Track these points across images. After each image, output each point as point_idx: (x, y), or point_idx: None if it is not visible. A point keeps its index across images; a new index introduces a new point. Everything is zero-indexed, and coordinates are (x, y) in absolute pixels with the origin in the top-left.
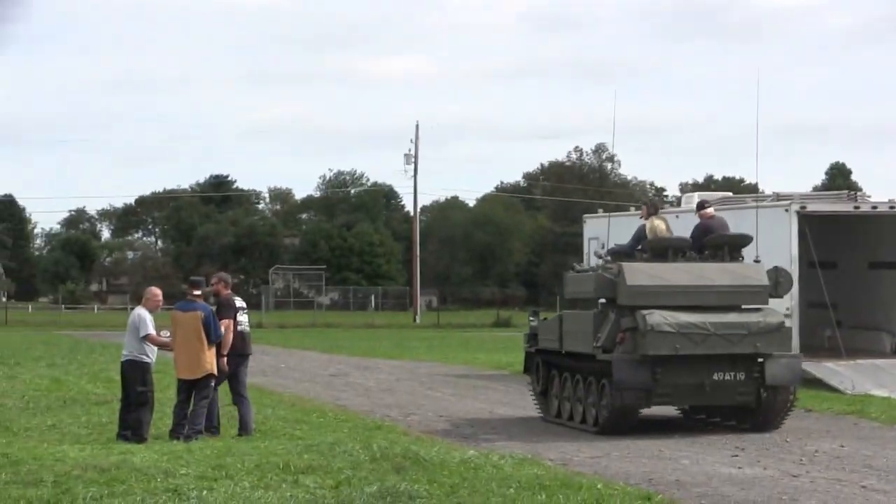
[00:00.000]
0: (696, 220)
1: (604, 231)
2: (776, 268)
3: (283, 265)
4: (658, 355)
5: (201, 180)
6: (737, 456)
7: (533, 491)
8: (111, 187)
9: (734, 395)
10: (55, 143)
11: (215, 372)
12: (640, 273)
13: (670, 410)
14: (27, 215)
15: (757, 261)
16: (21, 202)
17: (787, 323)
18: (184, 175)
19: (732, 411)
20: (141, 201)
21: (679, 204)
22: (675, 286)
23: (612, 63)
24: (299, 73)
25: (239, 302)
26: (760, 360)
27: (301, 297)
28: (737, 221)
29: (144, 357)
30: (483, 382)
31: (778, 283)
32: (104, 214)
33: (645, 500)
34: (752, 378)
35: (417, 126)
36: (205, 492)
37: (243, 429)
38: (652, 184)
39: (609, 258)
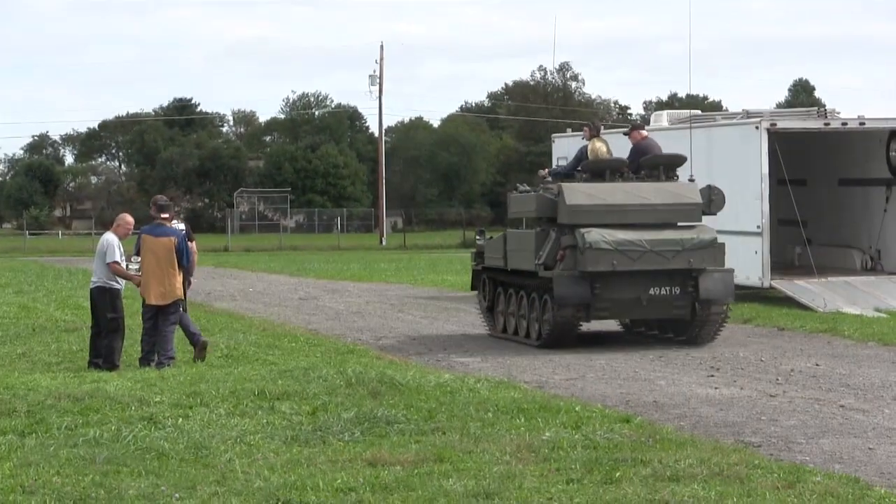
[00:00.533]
0: (666, 136)
1: (572, 150)
2: (709, 186)
3: (248, 188)
4: (596, 271)
5: (165, 104)
6: (713, 376)
7: (511, 414)
8: (74, 111)
9: (670, 309)
10: (17, 68)
11: (183, 297)
12: (578, 193)
13: (612, 326)
14: None
15: (691, 180)
16: None
17: (720, 239)
18: (147, 99)
19: (669, 324)
20: (104, 125)
21: (648, 122)
22: (612, 205)
23: None
24: None
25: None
26: (695, 275)
27: (266, 220)
28: (706, 139)
29: (114, 283)
30: (453, 304)
31: (711, 200)
32: (67, 139)
33: (624, 422)
34: (686, 293)
35: (382, 47)
36: (181, 419)
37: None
38: (616, 102)
39: (550, 178)
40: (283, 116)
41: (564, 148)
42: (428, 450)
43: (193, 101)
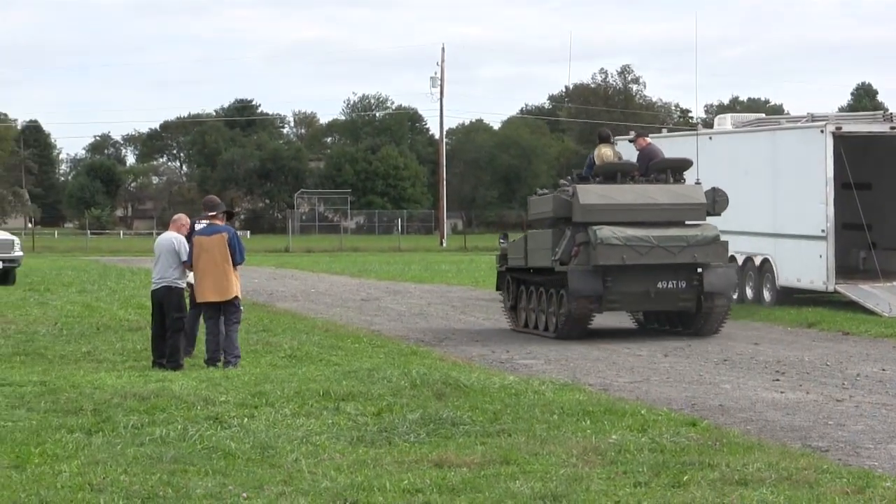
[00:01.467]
0: (730, 139)
1: (631, 154)
2: (714, 188)
3: (309, 189)
4: (608, 265)
5: (226, 105)
6: (778, 380)
7: (577, 417)
8: (136, 112)
9: (676, 301)
10: (80, 68)
11: (240, 294)
12: (591, 193)
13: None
14: (52, 141)
15: (698, 182)
16: (46, 128)
17: (723, 237)
18: (209, 99)
19: (678, 318)
20: (166, 126)
21: (712, 126)
22: (622, 204)
23: None
24: None
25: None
26: (699, 269)
27: (326, 221)
28: (770, 143)
29: (180, 282)
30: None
31: (715, 201)
32: (129, 139)
33: (690, 425)
34: (692, 286)
35: (443, 49)
36: (246, 419)
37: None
38: (677, 105)
39: (566, 182)
40: (343, 118)
41: (624, 151)
42: (494, 451)
43: (254, 102)
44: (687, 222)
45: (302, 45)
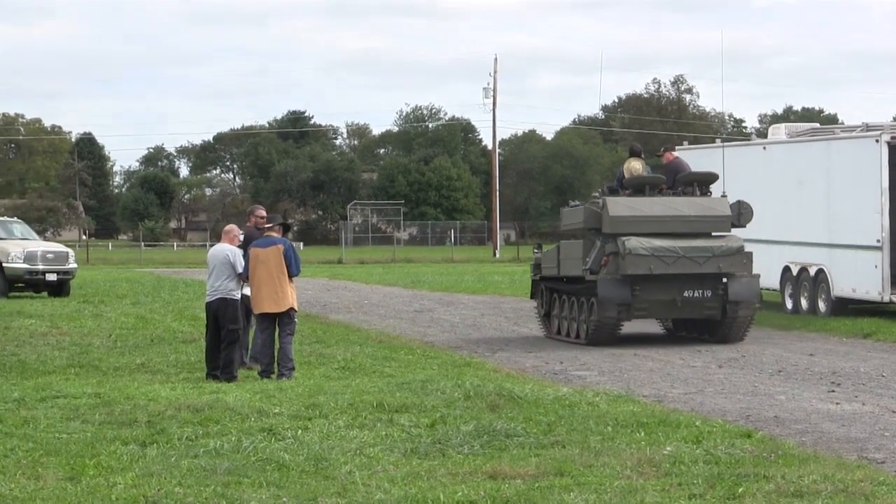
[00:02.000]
0: (785, 149)
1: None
2: (739, 201)
3: (362, 200)
4: (636, 274)
5: (279, 116)
6: (833, 392)
7: (631, 428)
8: (190, 124)
9: (702, 309)
10: (135, 80)
11: (296, 306)
12: (620, 205)
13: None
14: (106, 153)
15: (724, 195)
16: (100, 140)
17: (748, 248)
18: (262, 111)
19: (704, 325)
20: (219, 138)
21: (766, 136)
22: (650, 216)
23: None
24: (380, 5)
25: None
26: (724, 279)
27: (379, 232)
28: (825, 152)
29: (235, 294)
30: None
31: (740, 213)
32: (182, 151)
33: (745, 437)
34: (717, 294)
35: (496, 59)
36: (300, 431)
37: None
38: (731, 115)
39: (597, 195)
40: (396, 129)
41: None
42: (548, 463)
43: (307, 114)
44: (713, 234)
45: (356, 56)
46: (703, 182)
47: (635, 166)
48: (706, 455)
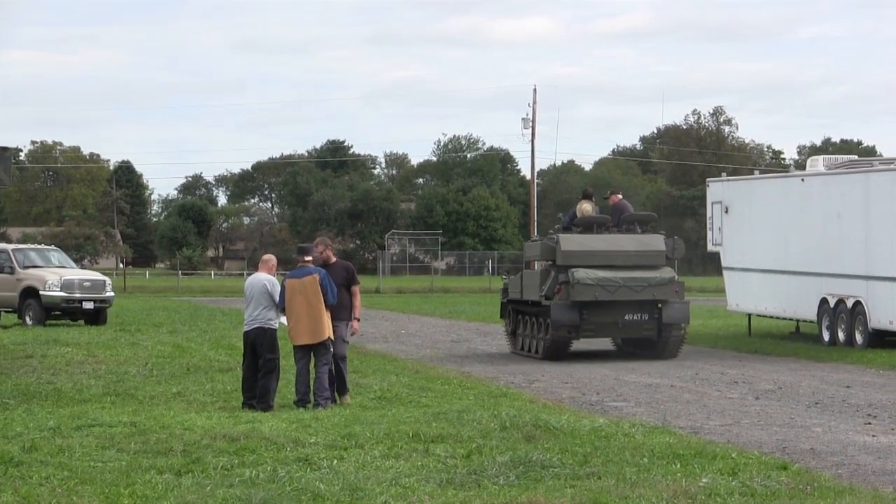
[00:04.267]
0: (823, 181)
1: (726, 195)
2: (673, 238)
3: (399, 230)
4: (583, 301)
5: (318, 145)
6: (870, 424)
7: (667, 460)
8: (228, 153)
9: (641, 330)
10: (173, 108)
11: (332, 336)
12: (571, 241)
13: (606, 344)
14: (144, 181)
15: (661, 233)
16: (138, 168)
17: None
18: (300, 140)
19: (646, 344)
20: (258, 167)
21: (804, 167)
22: (596, 251)
23: (733, 23)
24: (423, 35)
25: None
26: (659, 305)
27: (417, 261)
28: (863, 184)
29: (273, 323)
30: (606, 348)
31: (674, 248)
32: (220, 180)
33: (781, 469)
34: (653, 318)
35: (535, 90)
36: (335, 461)
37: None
38: (769, 147)
39: (552, 232)
40: (434, 159)
41: (719, 192)
42: (584, 494)
43: (346, 143)
44: (652, 266)
45: (394, 85)
46: (643, 222)
47: (586, 207)
48: (742, 487)
